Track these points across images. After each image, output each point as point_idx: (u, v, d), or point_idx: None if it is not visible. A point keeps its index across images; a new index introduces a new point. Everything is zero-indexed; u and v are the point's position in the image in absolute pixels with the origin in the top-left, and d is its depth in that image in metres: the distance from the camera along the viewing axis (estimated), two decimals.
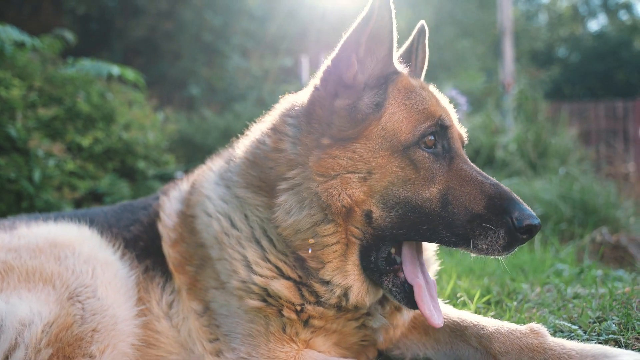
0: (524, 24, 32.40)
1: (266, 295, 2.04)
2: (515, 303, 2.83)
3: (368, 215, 1.94)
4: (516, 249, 1.91)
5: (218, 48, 15.32)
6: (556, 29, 41.43)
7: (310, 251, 1.98)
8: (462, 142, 2.17)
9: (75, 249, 2.24)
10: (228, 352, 2.07)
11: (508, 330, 2.05)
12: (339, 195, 1.91)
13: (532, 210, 1.88)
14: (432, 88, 2.24)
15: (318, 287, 2.00)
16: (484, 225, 1.85)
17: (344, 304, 2.01)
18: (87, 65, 6.22)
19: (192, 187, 2.43)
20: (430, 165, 1.94)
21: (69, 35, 6.95)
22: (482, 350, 2.09)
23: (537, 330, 2.00)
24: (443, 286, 3.13)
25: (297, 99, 2.24)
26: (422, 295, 1.92)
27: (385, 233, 1.94)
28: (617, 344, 2.12)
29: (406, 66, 2.22)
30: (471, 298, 2.89)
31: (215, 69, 15.37)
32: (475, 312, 2.64)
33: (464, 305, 2.84)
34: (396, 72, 2.09)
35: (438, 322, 1.89)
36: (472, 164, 2.05)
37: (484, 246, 1.86)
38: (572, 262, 4.39)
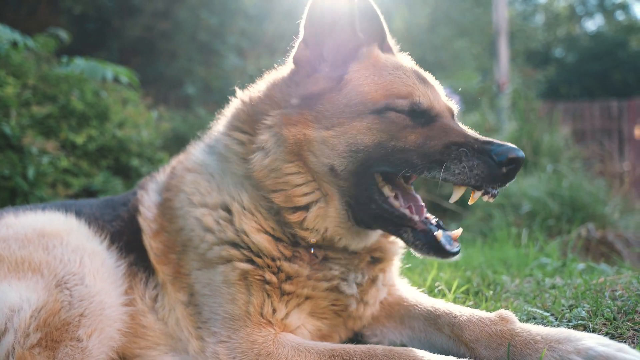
0: (520, 24, 32.46)
1: (244, 249, 2.17)
2: (491, 292, 2.91)
3: (332, 168, 2.11)
4: (503, 186, 2.00)
5: (214, 47, 15.36)
6: (553, 29, 41.52)
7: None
8: (452, 113, 2.30)
9: (63, 239, 2.30)
10: (209, 337, 2.15)
11: (478, 318, 2.13)
12: (295, 134, 2.14)
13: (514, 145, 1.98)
14: (409, 63, 2.38)
15: (303, 232, 2.17)
16: (461, 149, 1.98)
17: (322, 241, 2.18)
18: (81, 64, 6.30)
19: (172, 172, 2.53)
20: (403, 122, 2.10)
21: (63, 34, 7.00)
22: (454, 337, 2.18)
23: (505, 317, 2.08)
24: (425, 277, 3.20)
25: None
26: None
27: (360, 172, 2.09)
28: (586, 329, 2.20)
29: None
30: (450, 288, 2.97)
31: (212, 69, 15.42)
32: (454, 302, 2.72)
33: (443, 295, 2.91)
34: (360, 45, 2.27)
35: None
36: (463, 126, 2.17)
37: (457, 170, 1.97)
38: (557, 256, 4.46)
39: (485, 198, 2.04)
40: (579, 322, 2.26)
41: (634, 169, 14.89)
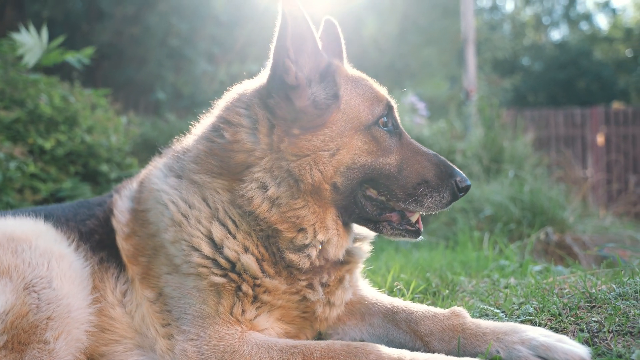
0: (488, 33, 33.08)
1: (230, 271, 2.22)
2: (448, 291, 3.04)
3: (334, 185, 2.25)
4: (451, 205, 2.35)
5: (185, 53, 15.36)
6: (520, 38, 42.39)
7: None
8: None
9: (31, 243, 2.34)
10: (178, 335, 2.23)
11: (432, 314, 2.27)
12: (310, 170, 2.21)
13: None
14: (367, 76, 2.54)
15: (292, 256, 2.25)
16: (431, 187, 2.28)
17: (317, 264, 2.29)
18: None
19: (141, 185, 2.58)
20: (388, 139, 2.31)
21: None
22: (410, 332, 2.30)
23: (458, 312, 2.23)
24: (386, 278, 3.33)
25: (241, 91, 2.46)
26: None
27: (354, 187, 2.27)
28: (532, 324, 2.34)
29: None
30: (409, 288, 3.09)
31: (182, 74, 15.42)
32: (413, 301, 2.83)
33: (402, 295, 3.04)
34: (330, 62, 2.37)
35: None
36: (412, 139, 2.43)
37: (429, 204, 2.29)
38: (515, 259, 4.63)
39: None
40: (527, 317, 2.40)
41: (595, 175, 15.33)
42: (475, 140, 9.10)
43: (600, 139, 18.05)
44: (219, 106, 2.50)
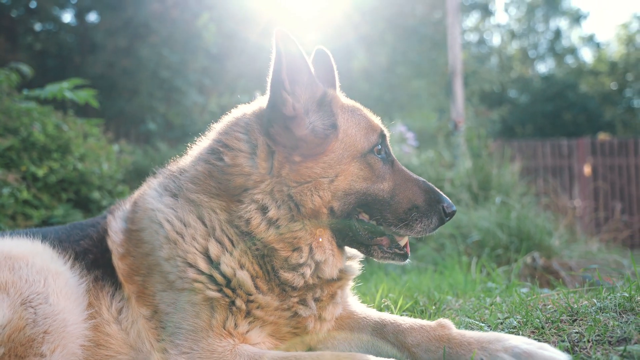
0: (475, 66, 33.66)
1: (225, 286, 2.30)
2: (434, 308, 3.11)
3: (331, 209, 2.35)
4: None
5: (175, 84, 15.54)
6: (507, 71, 43.14)
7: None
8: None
9: (28, 261, 2.41)
10: (172, 349, 2.28)
11: (419, 325, 2.35)
12: (311, 195, 2.31)
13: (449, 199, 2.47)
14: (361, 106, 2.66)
15: (287, 275, 2.34)
16: (421, 212, 2.41)
17: (311, 282, 2.38)
18: (41, 92, 6.41)
19: (134, 205, 2.64)
20: (382, 166, 2.44)
21: (25, 69, 7.10)
22: (398, 344, 2.37)
23: (444, 324, 2.30)
24: (374, 297, 3.39)
25: (240, 116, 2.56)
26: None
27: (349, 211, 2.38)
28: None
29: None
30: (397, 306, 3.16)
31: (173, 105, 15.57)
32: None
33: (390, 311, 3.10)
34: (326, 92, 2.48)
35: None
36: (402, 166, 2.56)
37: (419, 228, 2.42)
38: (502, 282, 4.71)
39: None
40: (511, 330, 2.48)
41: (583, 203, 15.52)
42: (463, 169, 9.24)
43: (587, 170, 18.30)
44: (217, 129, 2.60)
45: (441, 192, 2.47)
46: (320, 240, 2.37)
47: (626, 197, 17.90)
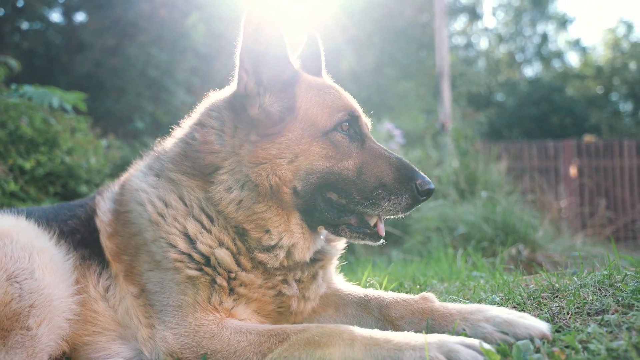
0: (462, 68, 33.90)
1: (204, 265, 2.32)
2: (418, 287, 3.15)
3: (294, 189, 2.33)
4: (414, 209, 2.38)
5: (164, 84, 15.52)
6: (494, 74, 43.47)
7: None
8: (368, 128, 2.62)
9: (13, 237, 2.42)
10: (159, 325, 2.31)
11: (403, 299, 2.39)
12: (267, 176, 2.30)
13: (428, 178, 2.36)
14: (338, 87, 2.65)
15: (262, 255, 2.35)
16: (389, 190, 2.31)
17: (286, 264, 2.38)
18: (29, 91, 6.38)
19: (122, 187, 2.68)
20: (347, 144, 2.38)
21: (13, 62, 7.08)
22: (382, 318, 2.41)
23: (426, 297, 2.34)
24: (359, 278, 3.42)
25: (217, 96, 2.60)
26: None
27: (312, 191, 2.35)
28: None
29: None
30: (382, 287, 3.19)
31: (161, 105, 15.56)
32: None
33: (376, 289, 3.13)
34: (295, 72, 2.48)
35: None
36: (379, 144, 2.50)
37: (388, 207, 2.31)
38: (487, 271, 4.76)
39: None
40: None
41: (568, 199, 15.66)
42: (450, 167, 9.32)
43: (573, 171, 18.47)
44: (198, 110, 2.64)
45: (417, 170, 2.38)
46: (289, 222, 2.38)
47: (611, 197, 18.07)
